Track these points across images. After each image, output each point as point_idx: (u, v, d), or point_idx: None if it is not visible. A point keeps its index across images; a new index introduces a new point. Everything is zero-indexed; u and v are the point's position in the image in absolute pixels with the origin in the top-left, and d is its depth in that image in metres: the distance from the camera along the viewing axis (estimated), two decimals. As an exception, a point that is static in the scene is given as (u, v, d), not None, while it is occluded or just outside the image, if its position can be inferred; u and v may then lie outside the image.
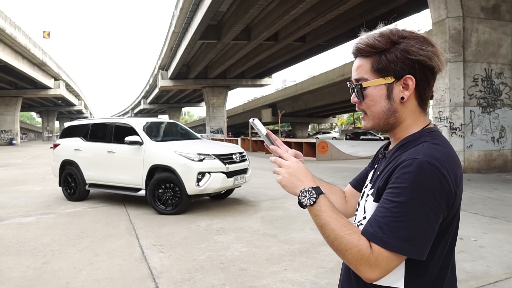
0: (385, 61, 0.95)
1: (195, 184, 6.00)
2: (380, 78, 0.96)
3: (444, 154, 0.89)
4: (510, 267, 3.65)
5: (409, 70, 0.93)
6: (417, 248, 0.84)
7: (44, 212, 6.44)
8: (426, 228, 0.84)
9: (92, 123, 7.80)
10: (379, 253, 0.84)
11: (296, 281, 3.38)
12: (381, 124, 1.00)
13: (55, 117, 71.11)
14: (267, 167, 13.36)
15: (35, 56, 33.08)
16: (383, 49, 0.95)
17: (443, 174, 0.85)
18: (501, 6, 10.59)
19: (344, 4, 18.12)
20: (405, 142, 0.97)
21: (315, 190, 0.95)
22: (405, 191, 0.84)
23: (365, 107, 1.00)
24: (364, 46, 0.98)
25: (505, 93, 10.79)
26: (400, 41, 0.94)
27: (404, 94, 0.95)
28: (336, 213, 0.92)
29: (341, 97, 35.97)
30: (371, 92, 0.98)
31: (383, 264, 0.85)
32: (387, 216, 0.85)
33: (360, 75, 0.99)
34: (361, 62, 0.99)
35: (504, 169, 10.73)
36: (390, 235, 0.83)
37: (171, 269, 3.71)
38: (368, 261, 0.85)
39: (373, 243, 0.85)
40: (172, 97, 60.24)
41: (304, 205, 0.95)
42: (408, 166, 0.86)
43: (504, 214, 5.72)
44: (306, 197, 0.95)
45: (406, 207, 0.83)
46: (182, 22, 25.81)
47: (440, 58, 0.95)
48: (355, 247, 0.86)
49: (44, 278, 3.55)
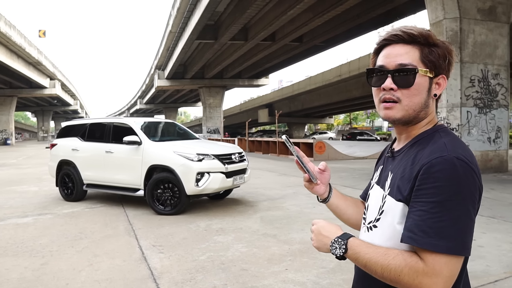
0: (436, 55, 0.95)
1: (194, 184, 5.99)
2: (427, 69, 0.96)
3: (466, 150, 0.90)
4: (509, 266, 3.67)
5: (445, 70, 0.98)
6: (465, 245, 0.82)
7: (41, 212, 6.40)
8: (469, 223, 0.83)
9: (90, 123, 7.76)
10: (434, 261, 0.81)
11: (297, 281, 3.38)
12: (412, 116, 0.97)
13: (50, 117, 70.81)
14: (265, 167, 13.36)
15: (30, 55, 32.91)
16: (433, 44, 0.97)
17: (472, 168, 0.85)
18: (497, 7, 10.66)
19: (341, 5, 18.17)
20: (420, 138, 0.97)
21: (341, 237, 0.95)
22: (441, 190, 0.82)
23: (405, 95, 0.96)
24: (417, 33, 0.95)
25: (501, 94, 10.85)
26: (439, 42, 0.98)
27: (437, 91, 0.98)
28: (370, 247, 0.91)
29: (337, 97, 36.06)
30: (419, 81, 0.95)
31: (443, 272, 0.81)
32: (428, 218, 0.82)
33: (409, 61, 0.95)
34: (406, 49, 0.96)
35: (500, 169, 10.79)
36: (436, 237, 0.81)
37: (172, 270, 3.69)
38: (425, 273, 0.82)
39: (422, 250, 0.82)
40: (168, 97, 60.10)
41: (339, 256, 0.95)
42: (438, 165, 0.84)
43: (501, 214, 5.76)
44: (337, 248, 0.95)
45: (446, 205, 0.82)
46: (179, 22, 25.77)
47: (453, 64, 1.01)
48: (405, 267, 0.83)
49: (44, 279, 3.52)
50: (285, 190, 8.32)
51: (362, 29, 22.92)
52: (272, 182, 9.76)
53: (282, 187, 8.79)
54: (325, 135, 51.17)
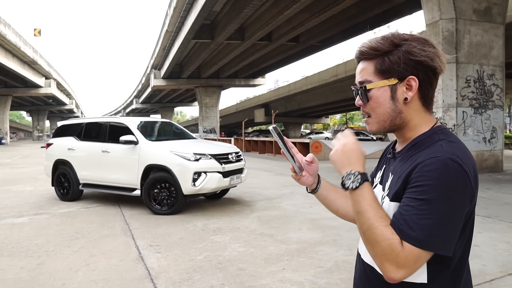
0: (388, 63, 0.96)
1: (191, 184, 5.98)
2: (384, 80, 0.97)
3: (462, 151, 0.90)
4: (505, 265, 3.69)
5: (412, 71, 0.95)
6: (446, 244, 0.84)
7: (37, 212, 6.37)
8: (454, 224, 0.85)
9: (86, 122, 7.73)
10: (410, 251, 0.83)
11: (295, 280, 3.38)
12: (387, 125, 1.01)
13: (45, 116, 70.38)
14: (261, 167, 13.36)
15: (25, 54, 32.71)
16: (386, 51, 0.96)
17: (465, 171, 0.86)
18: (492, 8, 10.71)
19: (338, 5, 18.19)
20: (418, 141, 0.98)
21: (361, 176, 0.94)
22: (431, 188, 0.84)
23: (369, 109, 1.01)
24: (367, 49, 0.98)
25: (496, 94, 10.91)
26: (402, 43, 0.95)
27: (408, 94, 0.96)
28: (376, 203, 0.92)
29: (334, 97, 36.08)
30: (375, 94, 0.98)
31: (410, 263, 0.84)
32: (415, 214, 0.84)
33: (364, 77, 1.00)
34: (364, 65, 1.00)
35: (496, 169, 10.86)
36: (419, 232, 0.83)
37: (169, 270, 3.68)
38: (396, 258, 0.84)
39: (404, 241, 0.84)
40: (164, 97, 59.94)
41: (346, 187, 0.94)
42: (432, 164, 0.86)
43: (497, 214, 5.80)
44: (351, 179, 0.94)
45: (434, 203, 0.83)
46: (176, 21, 25.69)
47: (442, 59, 0.96)
48: (386, 240, 0.85)
49: (40, 279, 3.50)
50: (282, 190, 8.33)
51: (358, 29, 22.95)
52: (269, 181, 9.76)
53: (278, 187, 8.80)
54: (321, 135, 51.18)
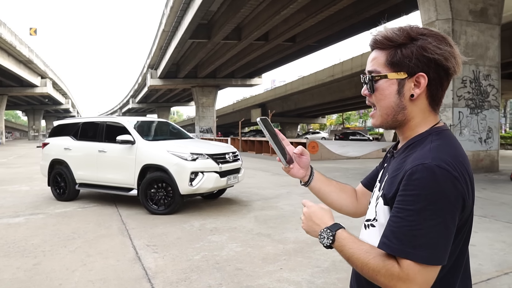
0: (400, 56, 0.93)
1: (188, 183, 5.97)
2: (393, 73, 0.95)
3: (453, 155, 0.87)
4: (501, 264, 3.71)
5: (423, 67, 0.92)
6: (438, 255, 0.82)
7: (33, 212, 6.34)
8: (445, 233, 0.82)
9: (83, 122, 7.70)
10: (408, 268, 0.82)
11: (292, 280, 3.38)
12: (389, 120, 0.99)
13: (41, 116, 70.04)
14: (258, 166, 13.36)
15: (21, 53, 32.52)
16: (400, 44, 0.93)
17: (454, 176, 0.83)
18: (488, 9, 10.77)
19: (334, 5, 18.24)
20: (413, 142, 0.96)
21: (330, 229, 0.96)
22: (418, 198, 0.82)
23: (375, 100, 0.99)
24: (382, 38, 0.96)
25: (492, 95, 10.98)
26: (419, 37, 0.93)
27: (415, 91, 0.94)
28: (356, 242, 0.92)
29: (330, 97, 36.16)
30: (382, 86, 0.97)
31: (418, 279, 0.82)
32: (404, 225, 0.82)
33: (374, 67, 0.98)
34: (376, 55, 0.98)
35: (491, 169, 10.92)
36: (410, 245, 0.81)
37: (166, 270, 3.68)
38: (400, 278, 0.82)
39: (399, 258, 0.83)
40: (161, 96, 59.83)
41: (325, 246, 0.96)
42: (418, 172, 0.83)
43: (493, 213, 5.83)
44: (325, 237, 0.96)
45: (422, 214, 0.81)
46: (172, 21, 25.66)
47: (458, 60, 0.93)
48: (382, 268, 0.85)
49: (36, 279, 3.48)
50: (279, 190, 8.33)
51: (355, 29, 23.02)
52: (266, 181, 9.77)
53: (275, 187, 8.80)
54: (318, 135, 51.28)
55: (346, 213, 1.24)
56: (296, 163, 1.18)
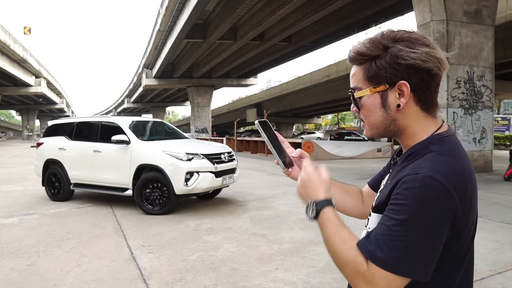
0: (375, 69, 0.89)
1: (184, 183, 5.96)
2: (372, 87, 0.91)
3: (451, 166, 0.82)
4: (494, 264, 3.74)
5: (401, 75, 0.87)
6: (418, 270, 0.78)
7: (27, 212, 6.29)
8: (428, 248, 0.78)
9: (77, 121, 7.66)
10: (375, 271, 0.79)
11: (288, 280, 3.39)
12: (381, 132, 0.95)
13: (35, 115, 69.62)
14: (253, 166, 13.37)
15: (15, 52, 32.30)
16: (374, 56, 0.89)
17: (448, 191, 0.78)
18: (482, 11, 10.85)
19: (330, 6, 18.29)
20: (413, 151, 0.91)
21: (318, 204, 0.91)
22: (406, 209, 0.78)
23: (363, 116, 0.96)
24: (354, 54, 0.92)
25: (486, 95, 11.06)
26: (391, 45, 0.88)
27: (400, 101, 0.89)
28: (338, 227, 0.87)
29: (325, 97, 36.24)
30: (365, 102, 0.93)
31: (381, 283, 0.79)
32: (387, 234, 0.80)
33: (355, 84, 0.95)
34: (355, 71, 0.95)
35: (485, 170, 10.99)
36: (388, 254, 0.78)
37: (162, 270, 3.67)
38: (364, 278, 0.80)
39: (371, 261, 0.80)
40: (156, 96, 59.67)
41: (308, 218, 0.93)
42: (410, 182, 0.80)
43: (486, 213, 5.87)
44: (310, 210, 0.92)
45: (407, 225, 0.77)
46: (168, 20, 25.60)
47: (439, 57, 0.87)
48: (351, 262, 0.82)
49: (30, 280, 3.47)
50: (274, 190, 8.34)
51: (350, 30, 23.09)
52: (261, 181, 9.77)
53: (271, 187, 8.81)
54: (313, 135, 51.36)
55: (351, 215, 1.20)
56: (296, 165, 1.13)
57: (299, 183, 0.98)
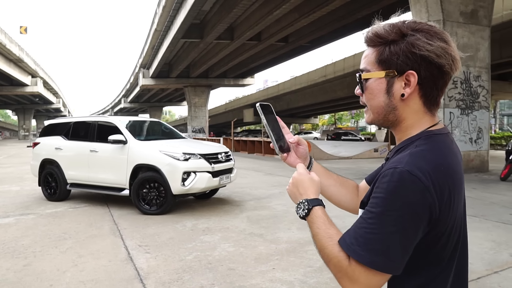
0: (388, 53, 0.89)
1: (181, 183, 5.95)
2: (381, 71, 0.90)
3: (432, 162, 0.82)
4: (490, 263, 3.76)
5: (412, 65, 0.86)
6: (391, 263, 0.79)
7: (23, 212, 6.27)
8: (402, 242, 0.79)
9: (74, 121, 7.64)
10: (356, 267, 0.80)
11: (285, 280, 3.39)
12: (380, 119, 0.95)
13: (31, 115, 69.27)
14: (250, 166, 13.36)
15: (11, 52, 32.14)
16: (391, 40, 0.89)
17: (425, 186, 0.78)
18: (479, 11, 10.89)
19: (327, 6, 18.30)
20: (402, 146, 0.92)
21: (309, 202, 0.94)
22: (382, 202, 0.79)
23: (366, 99, 0.96)
24: (372, 35, 0.92)
25: (482, 96, 11.10)
26: (409, 33, 0.87)
27: (405, 91, 0.88)
28: (326, 224, 0.89)
29: (322, 97, 36.28)
30: (371, 85, 0.93)
31: (361, 279, 0.80)
32: (363, 227, 0.81)
33: (364, 65, 0.95)
34: (368, 52, 0.95)
35: (481, 169, 11.04)
36: (363, 247, 0.79)
37: (159, 270, 3.66)
38: (346, 274, 0.82)
39: (348, 254, 0.82)
40: (153, 96, 59.55)
41: (298, 216, 0.95)
42: (388, 176, 0.81)
43: (483, 213, 5.89)
44: (301, 208, 0.94)
45: (382, 218, 0.78)
46: (165, 20, 25.55)
47: (454, 56, 0.87)
48: (335, 258, 0.84)
49: (26, 280, 3.45)
50: (271, 190, 8.34)
51: (347, 30, 23.13)
52: (258, 181, 9.77)
53: (268, 187, 8.81)
54: (310, 135, 51.42)
55: (345, 208, 1.20)
56: (294, 152, 1.14)
57: (291, 183, 1.02)
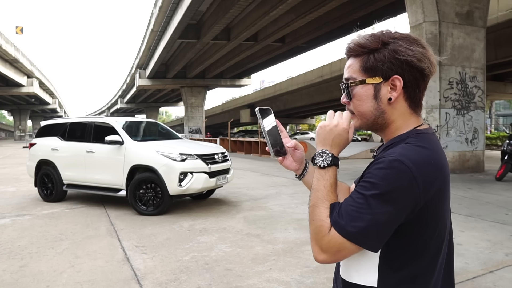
0: (373, 61, 0.95)
1: (177, 184, 5.95)
2: (368, 78, 0.96)
3: (422, 156, 0.88)
4: (486, 263, 3.78)
5: (397, 70, 0.93)
6: (368, 240, 0.85)
7: (19, 213, 6.24)
8: (384, 223, 0.85)
9: (70, 122, 7.61)
10: (333, 237, 0.86)
11: (281, 280, 3.40)
12: (370, 123, 1.00)
13: (27, 115, 68.88)
14: (247, 167, 13.36)
15: (6, 52, 31.96)
16: (373, 49, 0.95)
17: (414, 175, 0.84)
18: (474, 12, 10.95)
19: (323, 6, 18.33)
20: (391, 143, 0.97)
21: (333, 159, 0.96)
22: (371, 186, 0.85)
23: (352, 107, 1.01)
24: (354, 46, 0.98)
25: (478, 96, 11.16)
26: (390, 41, 0.94)
27: (392, 95, 0.95)
28: (332, 186, 0.94)
29: (319, 98, 36.33)
30: (359, 92, 0.98)
31: (333, 250, 0.87)
32: (350, 205, 0.87)
33: (349, 74, 1.00)
34: (351, 62, 1.00)
35: (477, 170, 11.09)
36: (346, 221, 0.85)
37: (156, 271, 3.66)
38: (321, 240, 0.88)
39: (332, 227, 0.87)
40: (149, 97, 59.42)
41: (315, 162, 0.97)
42: (380, 163, 0.87)
43: (478, 213, 5.93)
44: (322, 158, 0.96)
45: (369, 200, 0.84)
46: (161, 21, 25.51)
47: (431, 60, 0.95)
48: (319, 221, 0.89)
49: (23, 281, 3.44)
50: (268, 190, 8.35)
51: (343, 30, 23.17)
52: (255, 182, 9.78)
53: (265, 187, 8.82)
54: (307, 136, 51.45)
55: None
56: (290, 155, 1.18)
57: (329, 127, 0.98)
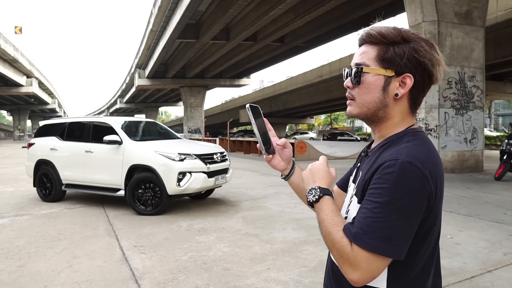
0: (392, 53, 0.95)
1: (176, 184, 5.95)
2: (382, 68, 0.96)
3: (426, 155, 0.90)
4: (484, 263, 3.78)
5: (411, 69, 0.94)
6: (396, 249, 0.84)
7: (18, 213, 6.24)
8: (406, 228, 0.84)
9: (69, 122, 7.60)
10: (357, 252, 0.85)
11: (280, 280, 3.40)
12: (369, 114, 1.00)
13: (27, 115, 68.84)
14: (246, 167, 13.37)
15: (5, 52, 31.95)
16: (393, 42, 0.95)
17: (425, 175, 0.85)
18: (473, 12, 10.96)
19: (322, 6, 18.35)
20: (388, 141, 0.98)
21: (321, 190, 0.98)
22: (386, 192, 0.84)
23: (357, 93, 1.00)
24: (376, 33, 0.97)
25: (477, 96, 11.17)
26: (411, 39, 0.95)
27: (399, 91, 0.96)
28: (333, 212, 0.94)
29: (318, 98, 36.36)
30: (368, 80, 0.97)
31: (362, 264, 0.84)
32: (369, 217, 0.85)
33: (363, 60, 0.99)
34: (367, 49, 0.99)
35: (476, 169, 11.10)
36: (370, 235, 0.83)
37: (154, 270, 3.66)
38: (348, 259, 0.86)
39: (354, 243, 0.86)
40: (149, 97, 59.41)
41: (308, 200, 0.99)
42: (390, 167, 0.86)
43: (477, 212, 5.93)
44: (312, 194, 0.99)
45: (387, 207, 0.83)
46: (161, 20, 25.51)
47: (441, 68, 0.97)
48: (338, 243, 0.88)
49: (21, 281, 3.44)
50: (267, 190, 8.35)
51: (343, 30, 23.19)
52: (254, 182, 9.78)
53: (263, 187, 8.82)
54: (306, 135, 51.50)
55: None
56: (278, 155, 1.19)
57: (309, 169, 1.07)
